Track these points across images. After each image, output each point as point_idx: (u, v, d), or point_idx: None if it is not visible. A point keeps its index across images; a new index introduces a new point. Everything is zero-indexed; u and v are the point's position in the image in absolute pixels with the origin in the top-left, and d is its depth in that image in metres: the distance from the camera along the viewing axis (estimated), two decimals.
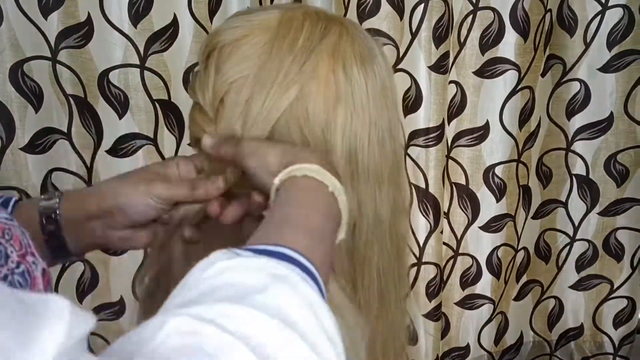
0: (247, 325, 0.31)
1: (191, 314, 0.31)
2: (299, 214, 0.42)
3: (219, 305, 0.32)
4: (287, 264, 0.36)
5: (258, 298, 0.33)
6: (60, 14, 0.96)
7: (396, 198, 0.53)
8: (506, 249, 1.25)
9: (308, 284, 0.36)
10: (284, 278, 0.35)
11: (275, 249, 0.37)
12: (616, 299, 1.34)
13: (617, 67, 1.19)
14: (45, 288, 0.42)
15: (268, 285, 0.34)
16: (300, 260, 0.37)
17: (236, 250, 0.37)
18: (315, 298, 0.35)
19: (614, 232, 1.30)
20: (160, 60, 1.01)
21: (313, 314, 0.34)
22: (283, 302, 0.33)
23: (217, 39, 0.52)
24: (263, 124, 0.49)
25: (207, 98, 0.51)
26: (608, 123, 1.23)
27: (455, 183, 1.22)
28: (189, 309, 0.32)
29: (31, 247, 0.43)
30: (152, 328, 0.30)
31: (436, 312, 1.23)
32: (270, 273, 0.35)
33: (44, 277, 0.43)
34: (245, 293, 0.33)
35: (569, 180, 1.28)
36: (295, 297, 0.34)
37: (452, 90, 1.17)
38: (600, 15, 1.16)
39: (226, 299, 0.33)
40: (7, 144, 0.99)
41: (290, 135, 0.49)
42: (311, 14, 0.52)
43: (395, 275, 0.54)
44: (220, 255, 0.36)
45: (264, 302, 0.33)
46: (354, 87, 0.50)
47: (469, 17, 1.13)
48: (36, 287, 0.41)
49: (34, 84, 0.98)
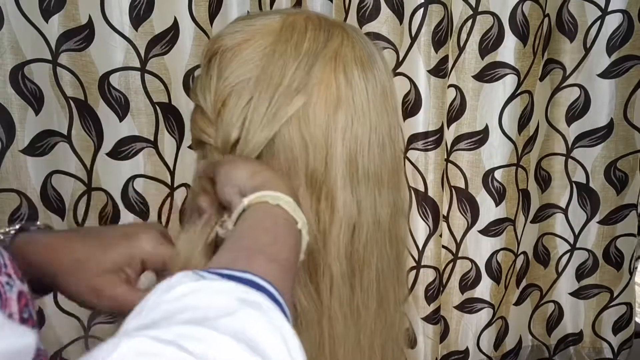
0: (211, 349, 0.29)
1: (149, 335, 0.28)
2: (270, 244, 0.40)
3: (181, 327, 0.29)
4: (257, 291, 0.35)
5: (224, 321, 0.31)
6: (61, 16, 0.96)
7: (396, 201, 0.53)
8: (506, 253, 1.25)
9: (280, 311, 0.34)
10: (255, 304, 0.33)
11: (244, 275, 0.36)
12: (616, 306, 1.34)
13: (617, 73, 1.19)
14: (20, 310, 0.40)
15: (236, 309, 0.32)
16: (269, 289, 0.36)
17: (201, 272, 0.35)
18: (285, 327, 0.34)
19: (614, 240, 1.30)
20: (161, 63, 1.02)
21: (284, 344, 0.32)
22: (252, 328, 0.31)
23: (219, 43, 0.52)
24: (267, 129, 0.49)
25: (209, 101, 0.51)
26: (608, 130, 1.23)
27: (455, 187, 1.22)
28: (146, 331, 0.29)
29: (7, 267, 0.41)
30: (103, 351, 0.28)
31: (435, 316, 1.23)
32: (239, 297, 0.33)
33: (20, 300, 0.41)
34: (211, 316, 0.31)
35: (569, 187, 1.28)
36: (265, 323, 0.32)
37: (452, 94, 1.17)
38: (599, 20, 1.16)
39: (190, 321, 0.30)
40: (7, 146, 0.99)
41: (290, 140, 0.49)
42: (313, 19, 0.52)
43: (394, 278, 0.54)
44: (183, 278, 0.34)
45: (231, 326, 0.30)
46: (355, 91, 0.50)
47: (468, 21, 1.13)
48: (7, 309, 0.39)
49: (35, 87, 0.99)
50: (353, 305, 0.51)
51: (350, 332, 0.51)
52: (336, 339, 0.50)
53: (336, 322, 0.50)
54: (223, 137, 0.50)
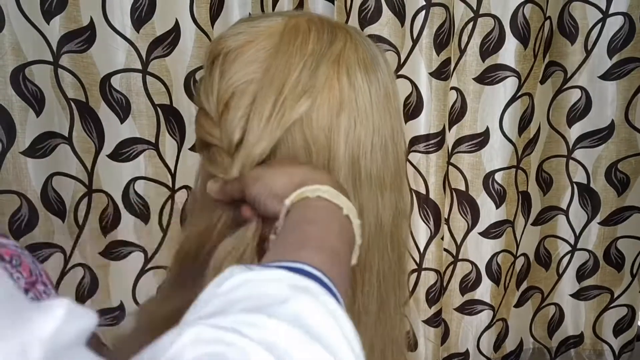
0: (271, 334, 0.30)
1: (209, 324, 0.30)
2: (315, 234, 0.41)
3: (239, 315, 0.31)
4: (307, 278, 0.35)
5: (280, 308, 0.32)
6: (62, 18, 0.96)
7: (398, 204, 0.53)
8: (506, 255, 1.25)
9: (330, 295, 0.35)
10: (305, 289, 0.34)
11: (293, 265, 0.37)
12: (616, 307, 1.34)
13: (618, 75, 1.19)
14: None
15: (290, 296, 0.33)
16: (318, 276, 0.36)
17: (251, 266, 0.36)
18: (338, 310, 0.34)
19: (614, 241, 1.30)
20: (162, 65, 1.01)
21: (338, 326, 0.33)
22: (306, 313, 0.32)
23: (222, 45, 0.52)
24: (272, 132, 0.48)
25: (212, 103, 0.51)
26: (609, 131, 1.23)
27: (455, 189, 1.22)
28: (206, 320, 0.30)
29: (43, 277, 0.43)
30: (168, 338, 0.29)
31: (436, 319, 1.23)
32: (290, 284, 0.34)
33: None
34: (266, 304, 0.32)
35: (570, 188, 1.28)
36: (318, 308, 0.33)
37: (453, 97, 1.17)
38: (601, 23, 1.16)
39: (246, 310, 0.31)
40: (8, 148, 0.99)
41: (293, 141, 0.49)
42: (316, 21, 0.52)
43: (395, 281, 0.54)
44: (235, 270, 0.36)
45: (286, 312, 0.31)
46: (358, 93, 0.50)
47: (469, 23, 1.13)
48: None
49: (36, 88, 0.99)
50: (354, 308, 0.51)
51: None
52: None
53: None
54: (227, 138, 0.50)
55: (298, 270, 0.36)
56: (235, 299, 0.33)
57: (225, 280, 0.34)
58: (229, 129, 0.50)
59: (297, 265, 0.36)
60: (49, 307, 0.24)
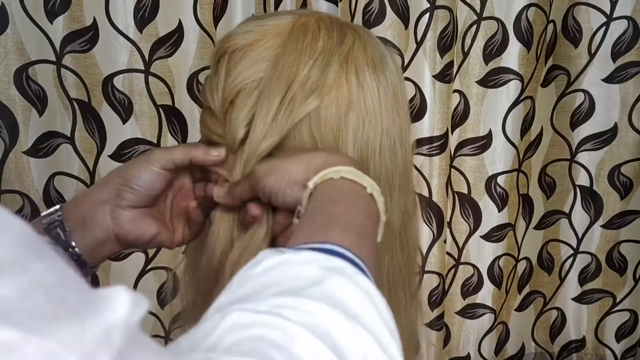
0: (310, 315, 0.30)
1: (246, 309, 0.30)
2: (342, 212, 0.41)
3: (276, 299, 0.31)
4: (338, 258, 0.36)
5: (314, 290, 0.32)
6: (65, 18, 0.96)
7: (407, 205, 0.53)
8: (508, 259, 1.24)
9: (362, 274, 0.35)
10: (339, 270, 0.34)
11: (323, 246, 0.37)
12: (619, 312, 1.34)
13: (622, 78, 1.19)
14: None
15: (323, 277, 0.33)
16: (349, 256, 0.36)
17: (282, 249, 0.37)
18: (372, 289, 0.35)
19: (617, 245, 1.29)
20: (165, 65, 1.01)
21: (373, 305, 0.34)
22: (341, 293, 0.33)
23: (229, 43, 0.51)
24: (279, 127, 0.48)
25: (217, 100, 0.51)
26: (612, 134, 1.22)
27: (458, 192, 1.22)
28: (242, 304, 0.31)
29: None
30: (210, 324, 0.30)
31: (438, 322, 1.22)
32: (322, 265, 0.34)
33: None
34: (300, 286, 0.32)
35: (573, 191, 1.28)
36: (353, 288, 0.34)
37: (456, 100, 1.17)
38: (605, 26, 1.16)
39: (281, 293, 0.32)
40: (11, 148, 0.98)
41: (301, 141, 0.49)
42: (325, 19, 0.52)
43: (405, 283, 0.54)
44: (268, 253, 0.36)
45: (322, 293, 0.32)
46: (366, 93, 0.50)
47: (473, 26, 1.13)
48: None
49: (39, 88, 0.98)
50: None
51: None
52: None
53: None
54: (231, 136, 0.49)
55: (328, 250, 0.36)
56: (270, 282, 0.33)
57: (258, 263, 0.35)
58: (233, 127, 0.49)
59: (327, 246, 0.37)
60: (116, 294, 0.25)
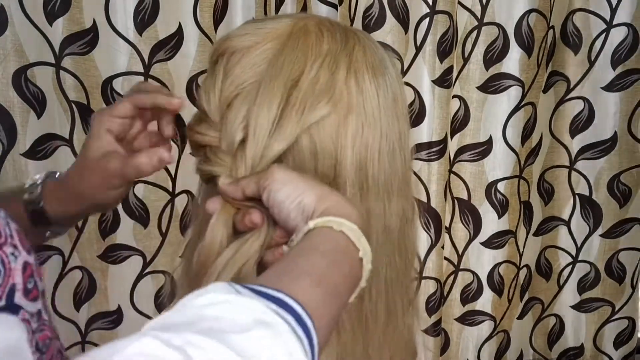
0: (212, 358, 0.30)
1: (161, 338, 0.30)
2: (322, 267, 0.40)
3: (193, 336, 0.31)
4: (283, 311, 0.35)
5: (235, 337, 0.32)
6: (65, 20, 0.96)
7: (405, 210, 0.52)
8: (508, 266, 1.24)
9: (296, 336, 0.34)
10: (271, 326, 0.34)
11: (276, 294, 0.36)
12: (617, 320, 1.33)
13: (621, 86, 1.19)
14: (25, 281, 0.42)
15: (251, 327, 0.33)
16: (298, 312, 0.36)
17: (237, 286, 0.36)
18: (297, 353, 0.34)
19: (616, 254, 1.29)
20: (165, 68, 1.01)
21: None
22: (257, 348, 0.32)
23: (227, 44, 0.51)
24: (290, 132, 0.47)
25: (212, 102, 0.50)
26: (612, 143, 1.22)
27: (458, 198, 1.21)
28: (163, 332, 0.31)
29: (14, 238, 0.43)
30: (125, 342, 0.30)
31: (436, 328, 1.22)
32: (257, 318, 0.34)
33: (25, 271, 0.43)
34: (225, 330, 0.32)
35: (572, 199, 1.28)
36: (274, 345, 0.33)
37: (456, 105, 1.17)
38: (604, 33, 1.16)
39: (204, 331, 0.32)
40: (9, 150, 0.98)
41: (299, 144, 0.48)
42: (325, 22, 0.52)
43: (403, 288, 0.53)
44: (218, 287, 0.36)
45: (239, 343, 0.32)
46: (366, 97, 0.49)
47: (473, 32, 1.13)
48: (11, 279, 0.42)
49: (37, 90, 0.98)
50: (361, 316, 0.50)
51: (359, 344, 0.50)
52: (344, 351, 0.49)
53: (344, 333, 0.49)
54: (228, 138, 0.49)
55: (279, 301, 0.36)
56: (204, 317, 0.33)
57: (204, 294, 0.35)
58: (231, 129, 0.49)
59: (280, 295, 0.36)
60: None
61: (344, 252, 0.43)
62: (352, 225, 0.43)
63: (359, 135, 0.49)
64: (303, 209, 0.44)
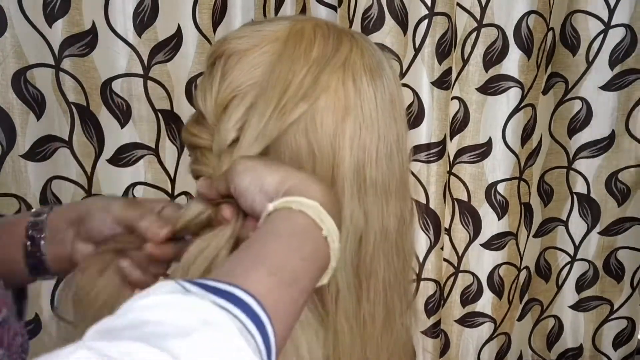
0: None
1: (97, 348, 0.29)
2: (279, 252, 0.39)
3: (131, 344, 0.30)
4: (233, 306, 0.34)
5: (177, 342, 0.31)
6: (64, 22, 0.96)
7: (403, 212, 0.52)
8: (508, 267, 1.24)
9: (246, 331, 0.33)
10: (216, 326, 0.33)
11: (227, 288, 0.35)
12: (616, 319, 1.33)
13: (619, 86, 1.19)
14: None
15: (194, 330, 0.32)
16: (251, 306, 0.35)
17: (184, 283, 0.35)
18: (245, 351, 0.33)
19: (614, 252, 1.29)
20: (164, 70, 1.01)
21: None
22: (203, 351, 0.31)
23: (225, 46, 0.51)
24: (268, 134, 0.48)
25: (209, 103, 0.51)
26: (610, 141, 1.23)
27: (457, 199, 1.22)
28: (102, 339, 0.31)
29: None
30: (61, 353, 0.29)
31: (435, 329, 1.22)
32: (201, 318, 0.33)
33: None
34: (168, 334, 0.31)
35: (570, 198, 1.28)
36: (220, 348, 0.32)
37: (455, 107, 1.17)
38: (602, 34, 1.16)
39: (145, 337, 0.31)
40: (8, 151, 0.98)
41: (297, 146, 0.49)
42: (322, 25, 0.52)
43: (401, 289, 0.53)
44: (164, 287, 0.35)
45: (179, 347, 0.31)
46: (364, 99, 0.49)
47: (472, 33, 1.13)
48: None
49: (37, 92, 0.98)
50: (359, 317, 0.50)
51: (357, 345, 0.50)
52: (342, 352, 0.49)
53: (342, 334, 0.49)
54: (219, 140, 0.49)
55: (230, 296, 0.35)
56: (147, 320, 0.32)
57: (148, 296, 0.34)
58: (224, 129, 0.49)
59: (232, 289, 0.35)
60: None
61: (304, 233, 0.41)
62: (311, 204, 0.42)
63: (356, 137, 0.49)
64: (266, 192, 0.44)
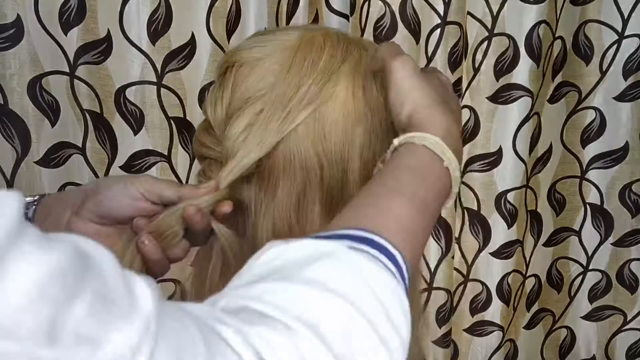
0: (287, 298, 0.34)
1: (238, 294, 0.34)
2: (409, 183, 0.43)
3: (265, 284, 0.35)
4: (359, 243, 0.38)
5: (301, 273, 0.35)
6: (80, 30, 0.97)
7: None
8: (515, 275, 1.23)
9: (362, 255, 0.37)
10: (329, 253, 0.36)
11: (346, 232, 0.39)
12: (629, 330, 1.32)
13: (633, 96, 1.19)
14: None
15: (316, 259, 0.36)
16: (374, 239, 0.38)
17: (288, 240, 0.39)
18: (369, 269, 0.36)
19: (628, 263, 1.28)
20: (177, 78, 1.02)
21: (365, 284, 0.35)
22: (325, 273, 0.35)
23: (236, 56, 0.52)
24: (270, 140, 0.48)
25: (218, 112, 0.51)
26: (623, 152, 1.22)
27: (467, 208, 1.21)
28: (237, 290, 0.35)
29: None
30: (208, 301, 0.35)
31: (445, 339, 1.21)
32: (318, 250, 0.37)
33: None
34: (290, 272, 0.35)
35: (583, 209, 1.27)
36: (339, 267, 0.36)
37: (466, 115, 1.17)
38: (616, 44, 1.16)
39: (273, 280, 0.35)
40: (22, 157, 0.99)
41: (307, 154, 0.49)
42: (332, 36, 0.52)
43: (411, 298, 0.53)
44: (275, 242, 0.38)
45: (305, 276, 0.35)
46: (373, 109, 0.50)
47: (484, 42, 1.13)
48: None
49: (52, 99, 0.99)
50: None
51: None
52: None
53: None
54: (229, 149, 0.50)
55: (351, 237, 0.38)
56: (272, 269, 0.36)
57: (262, 254, 0.38)
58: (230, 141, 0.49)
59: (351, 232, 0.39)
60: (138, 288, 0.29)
61: (427, 166, 0.45)
62: (434, 139, 0.45)
63: (366, 145, 0.49)
64: (400, 107, 0.48)
